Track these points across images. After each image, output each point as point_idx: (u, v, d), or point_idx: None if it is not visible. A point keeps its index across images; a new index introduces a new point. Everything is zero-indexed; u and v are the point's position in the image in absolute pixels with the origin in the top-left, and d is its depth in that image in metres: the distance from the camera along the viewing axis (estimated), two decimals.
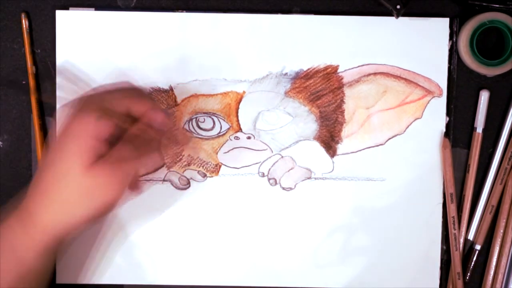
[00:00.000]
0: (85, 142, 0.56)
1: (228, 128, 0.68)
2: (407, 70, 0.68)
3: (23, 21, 0.67)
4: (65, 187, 0.56)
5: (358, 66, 0.68)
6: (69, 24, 0.67)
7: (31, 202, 0.57)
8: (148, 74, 0.67)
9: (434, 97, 0.68)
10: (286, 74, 0.68)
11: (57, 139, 0.58)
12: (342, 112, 0.68)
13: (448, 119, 0.68)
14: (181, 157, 0.68)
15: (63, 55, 0.67)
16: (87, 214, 0.56)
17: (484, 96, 0.68)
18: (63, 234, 0.58)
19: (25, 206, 0.58)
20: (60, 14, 0.67)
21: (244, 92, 0.68)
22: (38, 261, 0.58)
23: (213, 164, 0.68)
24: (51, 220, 0.57)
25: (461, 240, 0.68)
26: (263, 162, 0.68)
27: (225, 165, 0.68)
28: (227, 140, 0.68)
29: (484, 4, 0.67)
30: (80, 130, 0.56)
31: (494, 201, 0.68)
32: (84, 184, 0.55)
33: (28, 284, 0.58)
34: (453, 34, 0.68)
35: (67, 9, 0.67)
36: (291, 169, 0.68)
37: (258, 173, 0.68)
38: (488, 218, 0.68)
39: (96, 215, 0.57)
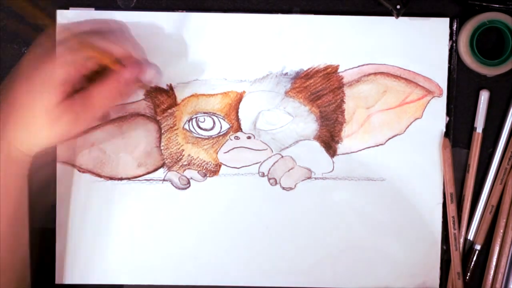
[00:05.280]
0: (55, 79, 0.59)
1: (228, 128, 0.68)
2: (407, 70, 0.68)
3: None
4: (33, 117, 0.59)
5: (358, 66, 0.68)
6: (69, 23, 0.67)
7: None
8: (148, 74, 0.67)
9: (434, 97, 0.68)
10: (286, 74, 0.68)
11: (30, 68, 0.60)
12: (342, 112, 0.68)
13: (448, 119, 0.68)
14: (181, 157, 0.68)
15: None
16: (50, 142, 0.61)
17: (484, 96, 0.68)
18: (26, 155, 0.61)
19: None
20: (60, 14, 0.67)
21: (244, 92, 0.68)
22: (7, 179, 0.60)
23: (213, 164, 0.68)
24: (16, 140, 0.60)
25: (461, 240, 0.68)
26: (263, 162, 0.68)
27: (225, 165, 0.68)
28: (227, 140, 0.68)
29: (484, 4, 0.67)
30: (55, 65, 0.59)
31: (494, 201, 0.68)
32: (49, 119, 0.59)
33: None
34: (453, 34, 0.68)
35: (67, 8, 0.67)
36: (291, 169, 0.68)
37: (258, 173, 0.68)
38: (488, 218, 0.68)
39: (58, 143, 0.65)
